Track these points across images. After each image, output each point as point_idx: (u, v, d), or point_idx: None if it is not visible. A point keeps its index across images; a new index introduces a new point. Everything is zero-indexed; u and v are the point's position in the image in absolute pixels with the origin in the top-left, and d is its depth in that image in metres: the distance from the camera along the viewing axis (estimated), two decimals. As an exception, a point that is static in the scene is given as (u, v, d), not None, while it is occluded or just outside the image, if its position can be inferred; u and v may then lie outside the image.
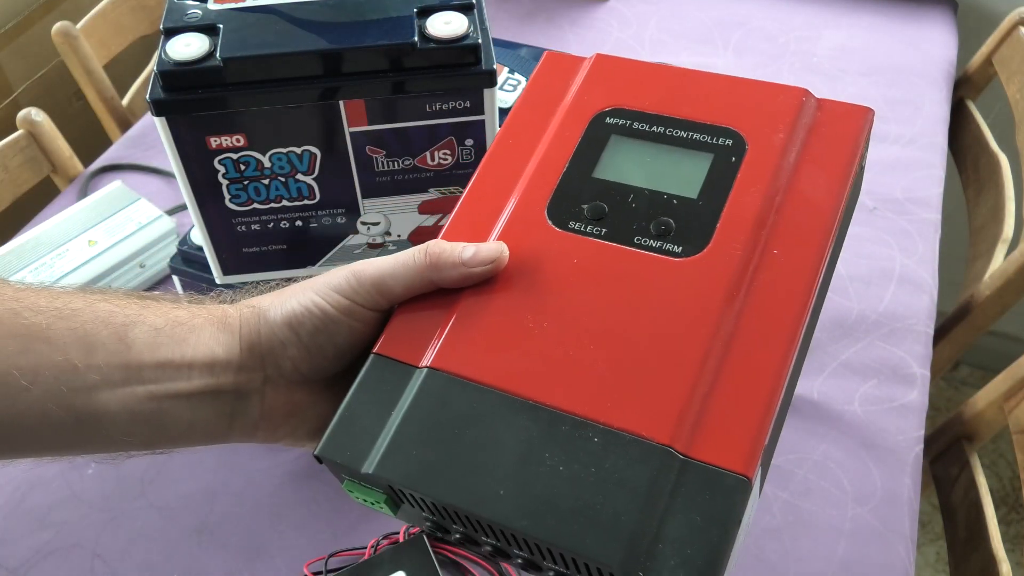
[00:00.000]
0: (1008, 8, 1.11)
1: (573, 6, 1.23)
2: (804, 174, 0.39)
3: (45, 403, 0.36)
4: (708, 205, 0.39)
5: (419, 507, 0.35)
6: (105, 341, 0.37)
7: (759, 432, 0.33)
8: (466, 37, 0.55)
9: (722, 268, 0.37)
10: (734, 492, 0.31)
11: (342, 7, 0.57)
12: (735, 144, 0.40)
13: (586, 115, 0.43)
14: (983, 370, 1.66)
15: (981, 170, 1.08)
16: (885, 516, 0.67)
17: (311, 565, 0.63)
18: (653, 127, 0.42)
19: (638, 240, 0.38)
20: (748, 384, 0.34)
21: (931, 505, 1.38)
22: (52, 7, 1.34)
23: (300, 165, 0.59)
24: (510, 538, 0.33)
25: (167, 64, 0.54)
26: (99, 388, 0.37)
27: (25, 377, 0.36)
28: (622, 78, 0.44)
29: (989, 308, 0.92)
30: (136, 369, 0.37)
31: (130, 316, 0.39)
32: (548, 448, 0.33)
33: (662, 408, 0.33)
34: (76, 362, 0.37)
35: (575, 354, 0.36)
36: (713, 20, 1.20)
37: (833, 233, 0.38)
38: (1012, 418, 0.78)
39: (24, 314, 0.37)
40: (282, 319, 0.39)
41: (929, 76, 1.10)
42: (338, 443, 0.36)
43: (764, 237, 0.37)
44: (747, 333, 0.35)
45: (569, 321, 0.37)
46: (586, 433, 0.33)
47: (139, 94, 1.17)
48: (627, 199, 0.40)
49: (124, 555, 0.65)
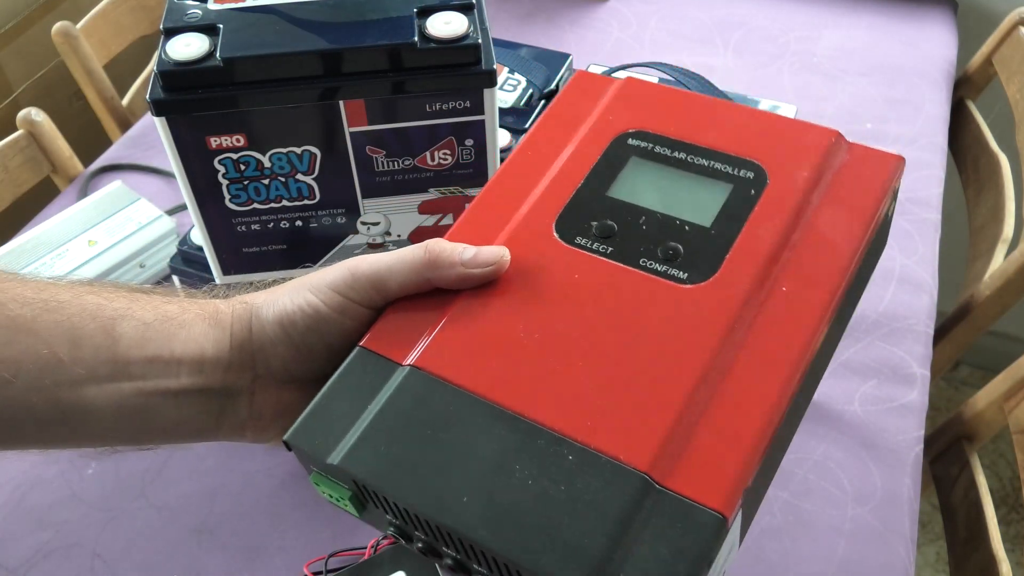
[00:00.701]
0: (1008, 8, 1.11)
1: (573, 6, 1.23)
2: (825, 215, 0.38)
3: (28, 396, 0.36)
4: (720, 235, 0.38)
5: (383, 508, 0.34)
6: (92, 334, 0.37)
7: (743, 471, 0.31)
8: (466, 37, 0.55)
9: (726, 299, 0.36)
10: (707, 529, 0.30)
11: (342, 7, 0.57)
12: (756, 177, 0.40)
13: (609, 134, 0.43)
14: (983, 370, 1.66)
15: (981, 170, 1.08)
16: (885, 516, 0.67)
17: (311, 565, 0.63)
18: (674, 152, 0.41)
19: (644, 262, 0.38)
20: (738, 421, 0.32)
21: (931, 505, 1.38)
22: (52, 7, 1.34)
23: (300, 165, 0.59)
24: (469, 550, 0.32)
25: (167, 64, 0.54)
26: (85, 382, 0.36)
27: (8, 370, 0.35)
28: (649, 102, 0.44)
29: (989, 308, 0.92)
30: (123, 364, 0.37)
31: (118, 310, 0.38)
32: (520, 460, 0.32)
33: (644, 434, 0.32)
34: (62, 355, 0.36)
35: (563, 370, 0.35)
36: (713, 20, 1.20)
37: (848, 277, 0.36)
38: (1012, 418, 0.78)
39: (9, 305, 0.36)
40: (274, 317, 0.38)
41: (929, 76, 1.10)
42: (308, 431, 0.35)
43: (775, 273, 0.36)
44: (744, 368, 0.34)
45: (562, 336, 0.36)
46: (561, 450, 0.32)
47: (139, 94, 1.17)
48: (638, 220, 0.39)
49: (124, 555, 0.65)
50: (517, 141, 0.79)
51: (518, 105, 0.86)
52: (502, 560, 0.31)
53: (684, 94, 0.45)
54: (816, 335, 0.35)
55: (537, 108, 0.86)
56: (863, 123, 1.04)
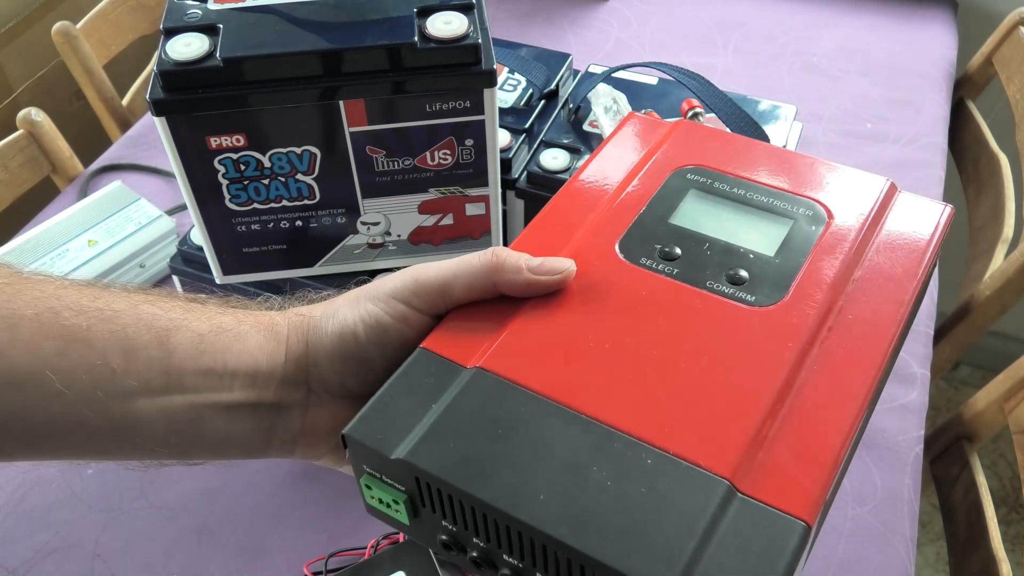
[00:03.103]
0: (1008, 8, 1.11)
1: (573, 6, 1.23)
2: (883, 251, 0.40)
3: (80, 408, 0.35)
4: (785, 263, 0.39)
5: (443, 511, 0.33)
6: (146, 345, 0.36)
7: (825, 481, 0.32)
8: (466, 37, 0.55)
9: (797, 320, 0.36)
10: (793, 536, 0.30)
11: (342, 7, 0.57)
12: (816, 215, 0.41)
13: (667, 169, 0.44)
14: (983, 370, 1.66)
15: (981, 170, 1.08)
16: (885, 516, 0.67)
17: (311, 565, 0.63)
18: (733, 188, 0.43)
19: (710, 284, 0.38)
20: (818, 434, 0.33)
21: (931, 505, 1.38)
22: (52, 7, 1.34)
23: (300, 165, 0.59)
24: (540, 553, 0.31)
25: (167, 64, 0.54)
26: (137, 394, 0.35)
27: (61, 380, 0.34)
28: (705, 143, 0.45)
29: (989, 308, 0.92)
30: (176, 376, 0.36)
31: (173, 320, 0.37)
32: (598, 462, 0.32)
33: (724, 442, 0.32)
34: (115, 366, 0.35)
35: (634, 378, 0.34)
36: (713, 20, 1.20)
37: (907, 308, 0.38)
38: (1012, 418, 0.78)
39: (64, 314, 0.35)
40: (334, 330, 0.37)
41: (929, 76, 1.10)
42: (369, 426, 0.34)
43: (840, 302, 0.38)
44: (818, 387, 0.35)
45: (631, 346, 0.36)
46: (639, 453, 0.32)
47: (139, 94, 1.17)
48: (702, 247, 0.40)
49: (124, 555, 0.65)
50: (517, 141, 0.79)
51: (518, 105, 0.86)
52: (582, 561, 0.30)
53: (735, 137, 0.46)
54: (883, 359, 0.36)
55: (537, 108, 0.86)
56: (863, 123, 1.04)
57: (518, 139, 0.79)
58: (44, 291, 0.36)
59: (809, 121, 1.02)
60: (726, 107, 0.81)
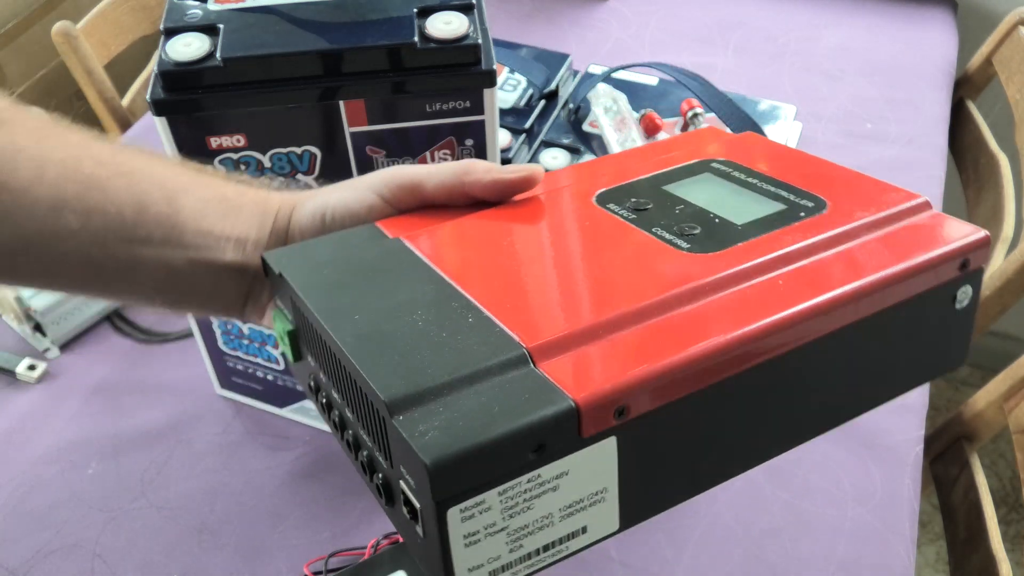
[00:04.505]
0: (1008, 8, 1.11)
1: (573, 6, 1.23)
2: (867, 247, 0.36)
3: (91, 247, 0.39)
4: (745, 232, 0.37)
5: (307, 342, 0.36)
6: (156, 202, 0.40)
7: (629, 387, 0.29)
8: (466, 37, 0.55)
9: (708, 266, 0.35)
10: (552, 405, 0.28)
11: (342, 7, 0.57)
12: (813, 206, 0.39)
13: (700, 156, 0.44)
14: (983, 370, 1.66)
15: (981, 170, 1.08)
16: (885, 516, 0.67)
17: (311, 565, 0.63)
18: (748, 178, 0.42)
19: (656, 231, 0.38)
20: (649, 348, 0.31)
21: (931, 505, 1.38)
22: (52, 7, 1.35)
23: (300, 165, 0.59)
24: (337, 370, 0.33)
25: (167, 64, 0.54)
26: (143, 243, 0.40)
27: (77, 220, 0.38)
28: (755, 149, 0.45)
29: (989, 308, 0.92)
30: (179, 233, 0.40)
31: (183, 184, 0.41)
32: (426, 308, 0.33)
33: (548, 325, 0.32)
34: (127, 216, 0.39)
35: (518, 271, 0.36)
36: (713, 20, 1.20)
37: (857, 301, 0.34)
38: (1012, 418, 0.78)
39: (87, 163, 0.39)
40: (311, 210, 0.41)
41: (929, 76, 1.10)
42: (285, 255, 0.38)
43: (779, 270, 0.35)
44: (687, 318, 0.32)
45: (537, 252, 0.37)
46: (467, 312, 0.33)
47: (139, 94, 1.17)
48: (675, 208, 0.40)
49: (124, 555, 0.65)
50: (517, 141, 0.79)
51: (518, 105, 0.86)
52: (349, 369, 0.31)
53: (796, 152, 0.44)
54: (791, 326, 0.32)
55: (537, 108, 0.86)
56: (863, 123, 1.04)
57: (518, 139, 0.79)
58: (72, 141, 0.40)
59: (809, 121, 1.02)
60: (726, 107, 0.81)
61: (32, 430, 0.74)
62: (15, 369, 0.77)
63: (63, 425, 0.74)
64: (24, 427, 0.74)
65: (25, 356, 0.79)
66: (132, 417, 0.74)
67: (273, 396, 0.73)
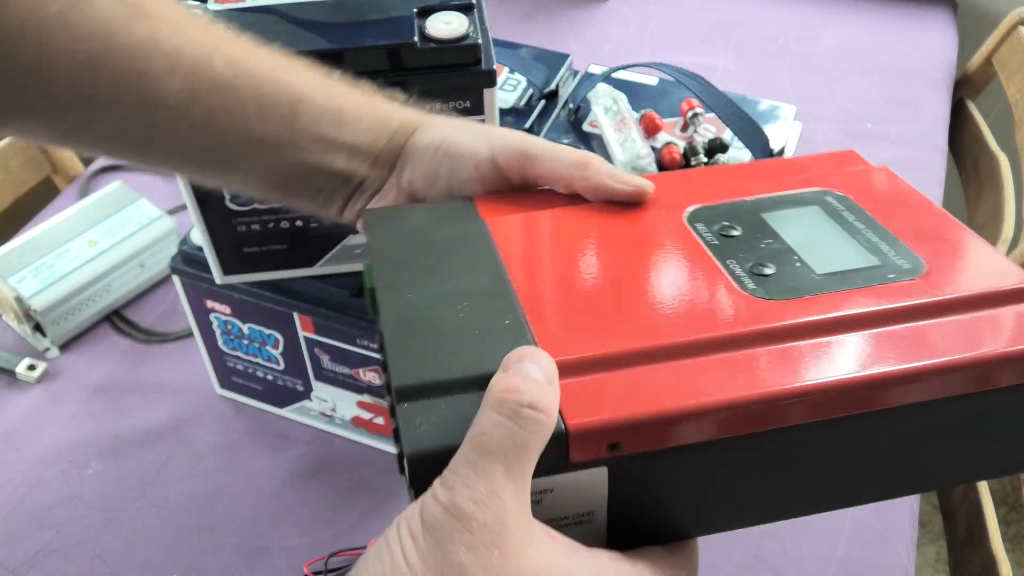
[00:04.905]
0: (1008, 8, 1.11)
1: (573, 6, 1.23)
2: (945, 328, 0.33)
3: (213, 140, 0.42)
4: (822, 283, 0.34)
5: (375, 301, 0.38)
6: (278, 105, 0.42)
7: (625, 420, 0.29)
8: (466, 37, 0.55)
9: (762, 315, 0.33)
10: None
11: (342, 7, 0.57)
12: (908, 269, 0.35)
13: (817, 185, 0.41)
14: (983, 370, 1.65)
15: (981, 170, 1.08)
16: (885, 516, 0.67)
17: (311, 565, 0.63)
18: (855, 221, 0.39)
19: (729, 262, 0.36)
20: (664, 388, 0.30)
21: (931, 505, 1.39)
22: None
23: (300, 165, 0.59)
24: (382, 340, 0.35)
25: (167, 64, 0.54)
26: (262, 142, 0.42)
27: (203, 116, 0.41)
28: (881, 188, 0.42)
29: (989, 308, 0.92)
30: (295, 135, 0.42)
31: (305, 91, 0.43)
32: (473, 301, 0.34)
33: (577, 345, 0.32)
34: (250, 114, 0.42)
35: (575, 277, 0.36)
36: (713, 20, 1.20)
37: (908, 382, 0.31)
38: (1012, 418, 0.78)
39: (217, 63, 0.41)
40: (431, 139, 0.43)
41: (929, 76, 1.10)
42: (383, 217, 0.41)
43: (832, 333, 0.32)
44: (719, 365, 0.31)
45: (600, 266, 0.37)
46: (507, 312, 0.34)
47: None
48: (762, 240, 0.37)
49: (124, 555, 0.65)
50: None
51: (518, 105, 0.86)
52: (384, 344, 0.33)
53: (923, 200, 0.41)
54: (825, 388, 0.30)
55: (537, 108, 0.86)
56: (863, 123, 1.04)
57: (518, 139, 0.79)
58: (208, 38, 0.42)
59: (809, 121, 1.02)
60: (726, 107, 0.81)
61: (32, 430, 0.74)
62: (15, 369, 0.77)
63: (63, 425, 0.74)
64: (24, 427, 0.74)
65: (25, 356, 0.79)
66: (132, 417, 0.74)
67: (273, 396, 0.73)
